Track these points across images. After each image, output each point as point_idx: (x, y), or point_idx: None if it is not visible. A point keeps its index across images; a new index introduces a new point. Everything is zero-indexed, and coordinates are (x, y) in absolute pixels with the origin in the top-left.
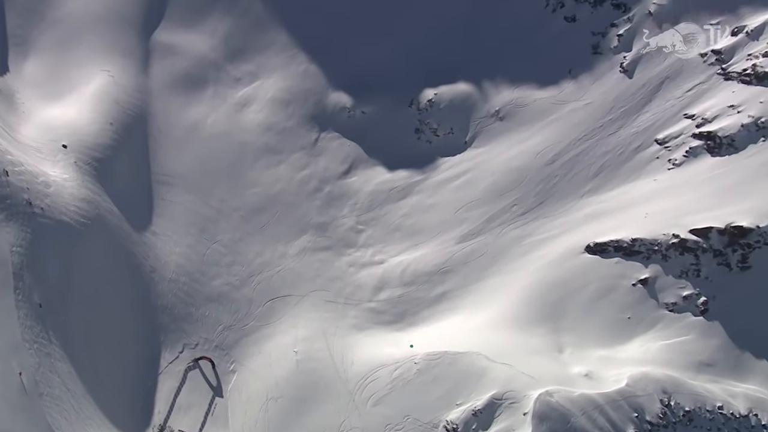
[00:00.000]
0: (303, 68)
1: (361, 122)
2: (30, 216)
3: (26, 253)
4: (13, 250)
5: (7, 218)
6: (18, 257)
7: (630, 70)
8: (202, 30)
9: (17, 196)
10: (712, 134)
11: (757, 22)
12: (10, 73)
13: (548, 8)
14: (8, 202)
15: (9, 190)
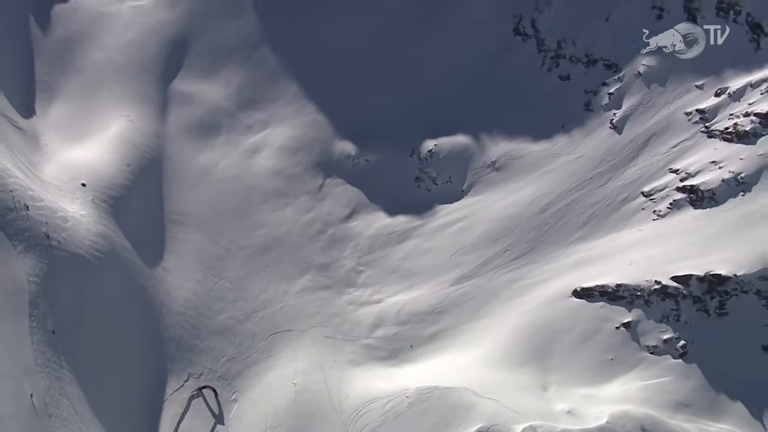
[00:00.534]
0: (311, 118)
1: (364, 170)
2: (47, 248)
3: (42, 283)
4: (30, 279)
5: (25, 249)
6: (34, 286)
7: (619, 126)
8: (217, 80)
9: (36, 229)
10: (695, 188)
11: (739, 84)
12: (37, 116)
13: (544, 67)
14: (27, 234)
15: (29, 223)
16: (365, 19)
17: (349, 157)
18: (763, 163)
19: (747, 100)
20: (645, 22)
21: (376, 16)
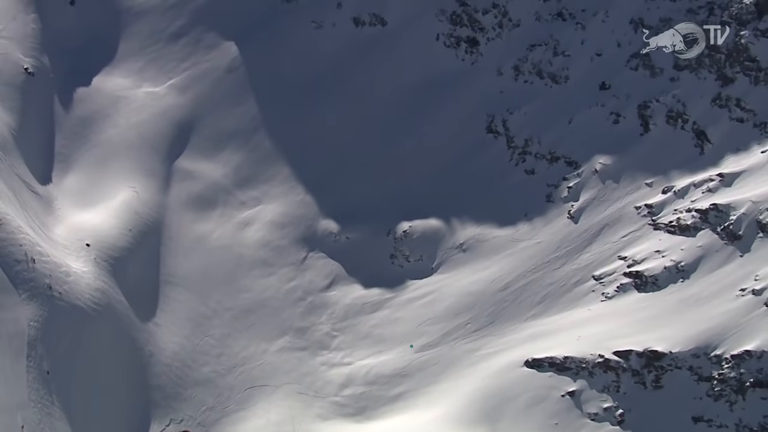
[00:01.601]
0: (300, 198)
1: (344, 246)
2: (49, 298)
3: (41, 328)
4: (30, 324)
5: (29, 297)
6: (34, 331)
7: (576, 216)
8: (217, 160)
9: (40, 280)
10: (640, 274)
11: (684, 183)
12: (53, 183)
13: (512, 162)
14: (31, 284)
15: (34, 274)
16: (353, 115)
17: (332, 234)
18: (701, 254)
19: (690, 198)
20: (603, 126)
21: (363, 114)
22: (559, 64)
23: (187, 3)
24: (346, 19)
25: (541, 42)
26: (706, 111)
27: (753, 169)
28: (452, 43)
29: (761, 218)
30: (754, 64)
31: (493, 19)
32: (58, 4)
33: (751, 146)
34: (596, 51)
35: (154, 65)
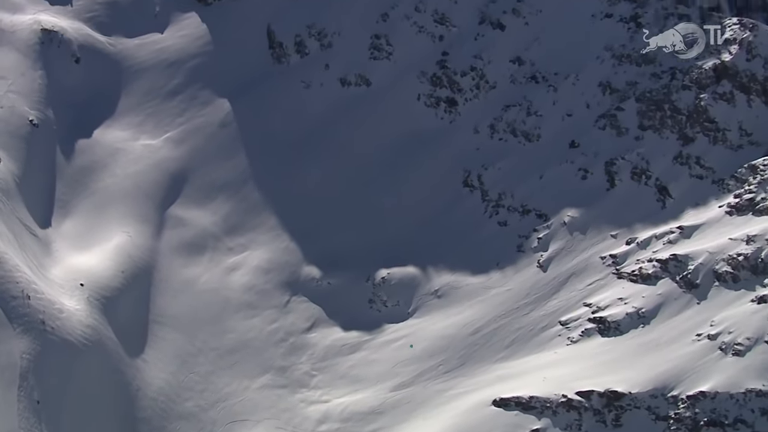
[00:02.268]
0: (285, 245)
1: (326, 290)
2: (42, 332)
3: (33, 360)
4: (23, 356)
5: (23, 331)
6: (26, 362)
7: (545, 265)
8: (208, 209)
9: (34, 315)
10: (604, 319)
11: (646, 235)
12: (52, 227)
13: (486, 214)
14: (26, 319)
15: (28, 310)
16: (337, 169)
17: (314, 280)
18: (661, 301)
19: (652, 249)
20: (572, 181)
21: (346, 168)
22: (532, 123)
23: (185, 62)
24: (333, 79)
25: (515, 103)
26: (668, 168)
27: (710, 222)
28: (432, 103)
29: (717, 268)
30: (713, 125)
31: (471, 81)
32: (64, 62)
33: (709, 201)
34: (567, 111)
35: (152, 120)
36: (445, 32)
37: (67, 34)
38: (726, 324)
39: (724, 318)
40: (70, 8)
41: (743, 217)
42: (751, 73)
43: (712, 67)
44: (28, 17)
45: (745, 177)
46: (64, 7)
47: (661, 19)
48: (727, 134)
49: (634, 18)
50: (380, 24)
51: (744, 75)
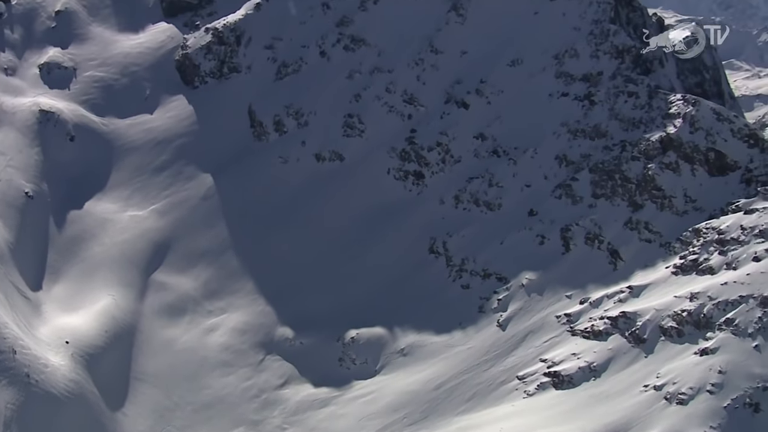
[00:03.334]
0: (261, 308)
1: (299, 350)
2: (26, 384)
3: (17, 410)
4: (7, 405)
5: (8, 383)
6: (10, 412)
7: (504, 325)
8: (189, 275)
9: (19, 369)
10: (558, 373)
11: (598, 295)
12: (42, 290)
13: (450, 278)
14: (11, 372)
15: (14, 364)
16: (311, 237)
17: (288, 340)
18: (611, 356)
19: (603, 307)
20: (530, 246)
21: (319, 237)
22: (494, 194)
23: (172, 141)
24: (308, 155)
25: (478, 175)
26: (619, 233)
27: (657, 282)
28: (401, 176)
29: (663, 323)
30: (660, 193)
31: (437, 155)
32: (59, 140)
33: (657, 263)
34: (526, 182)
35: (140, 193)
36: (414, 111)
37: (63, 114)
38: (671, 375)
39: (669, 370)
40: (67, 91)
41: (687, 277)
42: (694, 144)
43: (659, 139)
44: (28, 100)
45: (690, 240)
46: (62, 90)
47: (612, 96)
48: (673, 201)
49: (587, 96)
50: (353, 104)
51: (688, 146)
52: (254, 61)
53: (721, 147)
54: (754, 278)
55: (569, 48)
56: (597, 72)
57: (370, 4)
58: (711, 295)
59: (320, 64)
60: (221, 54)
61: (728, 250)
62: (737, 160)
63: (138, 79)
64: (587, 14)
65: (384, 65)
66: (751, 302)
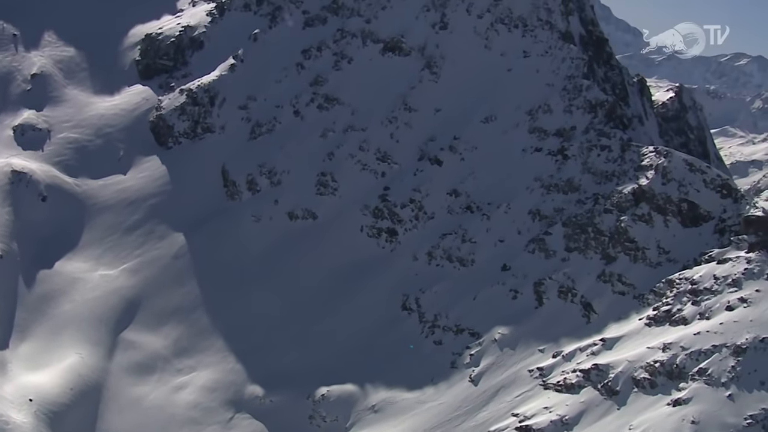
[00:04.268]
0: (230, 366)
1: (268, 408)
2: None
3: None
4: None
5: None
6: None
7: (476, 380)
8: (159, 333)
9: None
10: (530, 427)
11: (571, 348)
12: (9, 349)
13: (423, 334)
14: None
15: None
16: (283, 295)
17: (258, 398)
18: (584, 408)
19: (575, 360)
20: (503, 301)
21: (291, 295)
22: (467, 249)
23: (145, 201)
24: (281, 213)
25: (451, 231)
26: (592, 286)
27: (631, 334)
28: (374, 234)
29: (636, 375)
30: (633, 245)
31: (410, 212)
32: (31, 201)
33: (630, 315)
34: (499, 238)
35: (111, 252)
36: (387, 169)
37: (35, 175)
38: (644, 427)
39: (642, 421)
40: (41, 153)
41: (660, 328)
42: (666, 195)
43: (631, 191)
44: (1, 161)
45: (663, 291)
46: (36, 151)
47: (585, 150)
48: (646, 253)
49: (561, 150)
50: (326, 162)
51: (660, 198)
52: (228, 121)
53: (693, 198)
54: (727, 327)
55: (543, 103)
56: (570, 127)
57: (344, 64)
58: (684, 345)
59: (294, 123)
60: (195, 114)
61: (701, 300)
62: (710, 210)
63: (112, 141)
64: (560, 70)
65: (358, 124)
66: (724, 351)
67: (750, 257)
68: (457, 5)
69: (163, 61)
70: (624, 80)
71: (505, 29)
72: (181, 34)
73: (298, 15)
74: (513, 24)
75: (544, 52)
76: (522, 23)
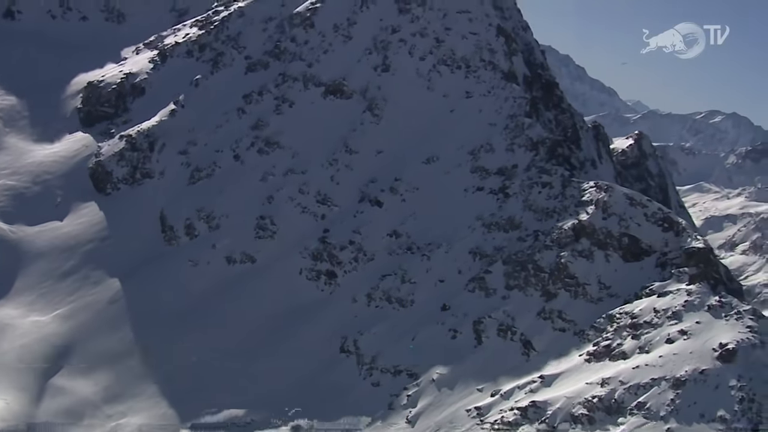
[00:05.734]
0: (162, 411)
1: None
2: None
3: None
4: None
5: None
6: None
7: (413, 421)
8: (90, 379)
9: None
10: None
11: (509, 386)
12: None
13: (361, 376)
14: None
15: None
16: (220, 340)
17: None
18: None
19: (514, 399)
20: (442, 341)
21: (228, 339)
22: (407, 290)
23: (81, 247)
24: (219, 257)
25: (391, 272)
26: (532, 323)
27: (570, 370)
28: (313, 276)
29: (574, 411)
30: (574, 281)
31: (350, 254)
32: None
33: (570, 351)
34: (439, 278)
35: (44, 298)
36: (327, 211)
37: None
38: None
39: None
40: None
41: (600, 363)
42: (607, 230)
43: (571, 227)
44: None
45: (603, 326)
46: None
47: (527, 188)
48: (587, 288)
49: (502, 189)
50: (266, 206)
51: (601, 233)
52: (167, 167)
53: (635, 232)
54: (667, 360)
55: (485, 143)
56: (512, 165)
57: (285, 107)
58: (622, 379)
59: (234, 167)
60: (134, 160)
61: (641, 334)
62: (652, 244)
63: (50, 188)
64: (503, 109)
65: (298, 166)
66: (663, 384)
67: (690, 289)
68: (400, 47)
69: (104, 108)
70: (575, 124)
71: (448, 70)
72: (123, 81)
73: (241, 60)
74: (456, 65)
75: (486, 92)
76: (465, 64)
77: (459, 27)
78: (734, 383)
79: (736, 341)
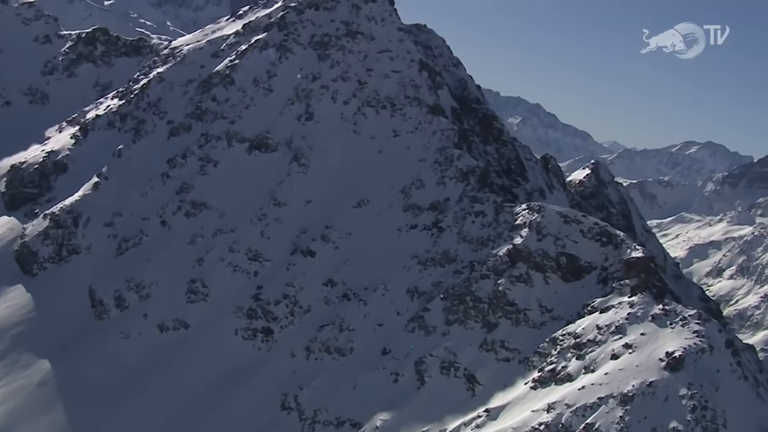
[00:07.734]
0: None
1: None
2: None
3: None
4: None
5: None
6: None
7: None
8: None
9: None
10: None
11: (455, 425)
12: None
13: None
14: None
15: None
16: (154, 409)
17: None
18: None
19: None
20: (384, 386)
21: (163, 407)
22: (345, 338)
23: (7, 331)
24: (151, 326)
25: (328, 322)
26: (475, 357)
27: (516, 400)
28: (249, 336)
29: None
30: (514, 308)
31: (285, 308)
32: None
33: (516, 380)
34: (378, 322)
35: None
36: (259, 267)
37: None
38: None
39: None
40: None
41: (547, 388)
42: (543, 251)
43: (506, 252)
44: None
45: (548, 350)
46: None
47: (460, 219)
48: (528, 314)
49: (435, 224)
50: (196, 269)
51: (537, 255)
52: (94, 241)
53: (572, 250)
54: (613, 377)
55: (415, 179)
56: (444, 198)
57: (210, 168)
58: (568, 402)
59: (161, 233)
60: (59, 238)
61: (585, 353)
62: (591, 260)
63: None
64: (431, 143)
65: (226, 225)
66: (611, 402)
67: (632, 301)
68: (322, 94)
69: (28, 190)
70: (519, 155)
71: (373, 111)
72: (45, 160)
73: (163, 125)
74: (381, 105)
75: (413, 128)
76: (390, 103)
77: (381, 67)
78: (684, 392)
79: (683, 348)
